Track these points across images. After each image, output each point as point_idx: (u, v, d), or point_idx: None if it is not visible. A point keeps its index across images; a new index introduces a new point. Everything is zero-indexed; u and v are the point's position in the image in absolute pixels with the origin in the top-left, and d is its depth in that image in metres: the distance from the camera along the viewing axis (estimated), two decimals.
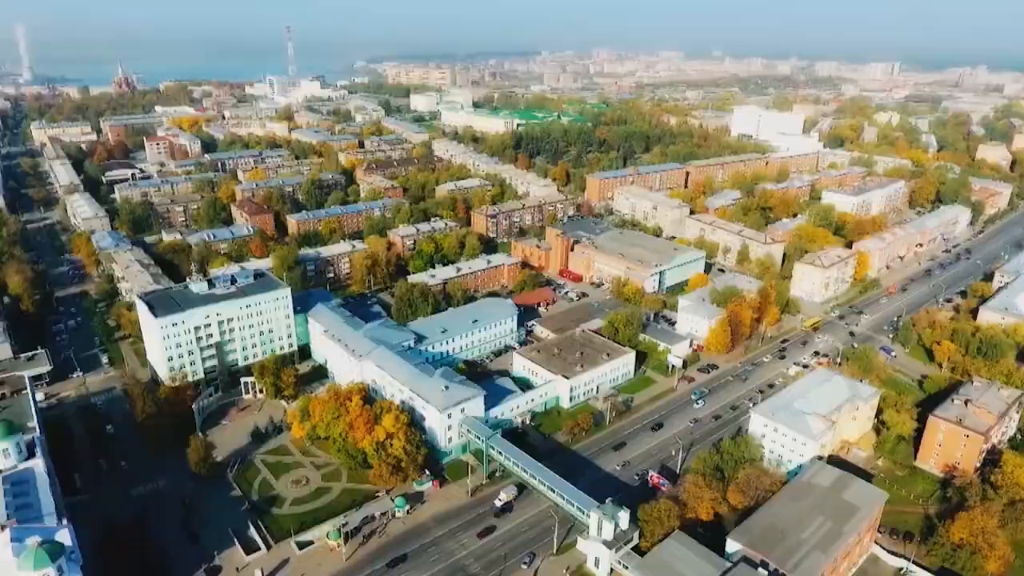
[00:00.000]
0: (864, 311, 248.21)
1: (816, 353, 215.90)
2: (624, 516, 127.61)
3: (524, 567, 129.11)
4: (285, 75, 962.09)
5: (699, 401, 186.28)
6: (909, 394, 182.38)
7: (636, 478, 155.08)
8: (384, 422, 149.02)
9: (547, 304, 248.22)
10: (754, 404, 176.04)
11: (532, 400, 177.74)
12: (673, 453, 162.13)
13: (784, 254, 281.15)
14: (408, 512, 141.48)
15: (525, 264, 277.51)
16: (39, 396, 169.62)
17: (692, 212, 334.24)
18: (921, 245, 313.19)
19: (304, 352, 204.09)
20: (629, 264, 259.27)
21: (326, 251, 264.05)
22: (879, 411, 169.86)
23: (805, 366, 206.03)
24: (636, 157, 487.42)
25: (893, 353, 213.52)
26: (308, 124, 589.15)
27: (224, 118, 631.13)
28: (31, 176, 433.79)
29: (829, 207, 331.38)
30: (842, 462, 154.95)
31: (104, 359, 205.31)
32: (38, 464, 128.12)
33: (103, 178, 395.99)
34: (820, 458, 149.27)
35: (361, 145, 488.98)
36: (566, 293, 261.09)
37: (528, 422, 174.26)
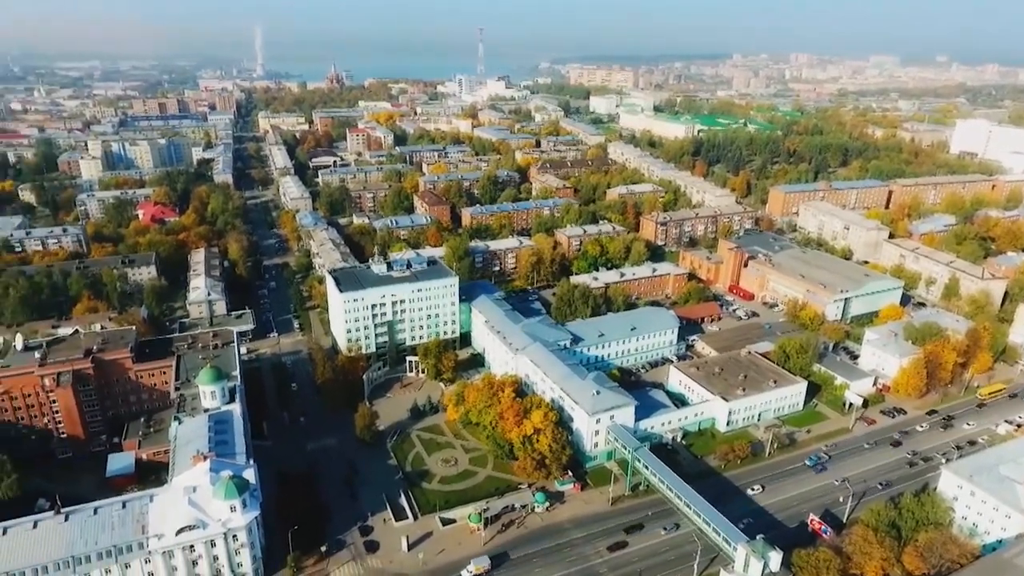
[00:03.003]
0: None
1: None
2: (776, 557, 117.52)
3: None
4: (474, 74, 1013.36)
5: (817, 467, 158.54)
6: None
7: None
8: (533, 417, 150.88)
9: (712, 320, 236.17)
10: (948, 460, 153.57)
11: (686, 417, 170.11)
12: (841, 500, 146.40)
13: (1006, 293, 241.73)
14: (547, 509, 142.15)
15: (692, 276, 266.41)
16: (242, 350, 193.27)
17: (891, 236, 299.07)
18: None
19: (465, 339, 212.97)
20: (810, 286, 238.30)
21: (495, 245, 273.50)
22: None
23: (1019, 426, 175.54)
24: (830, 171, 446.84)
25: None
26: (490, 122, 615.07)
27: (415, 114, 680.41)
28: (254, 159, 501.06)
29: None
30: None
31: (296, 324, 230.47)
32: (236, 408, 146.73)
33: (310, 163, 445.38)
34: None
35: (537, 144, 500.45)
36: (734, 311, 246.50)
37: (679, 440, 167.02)
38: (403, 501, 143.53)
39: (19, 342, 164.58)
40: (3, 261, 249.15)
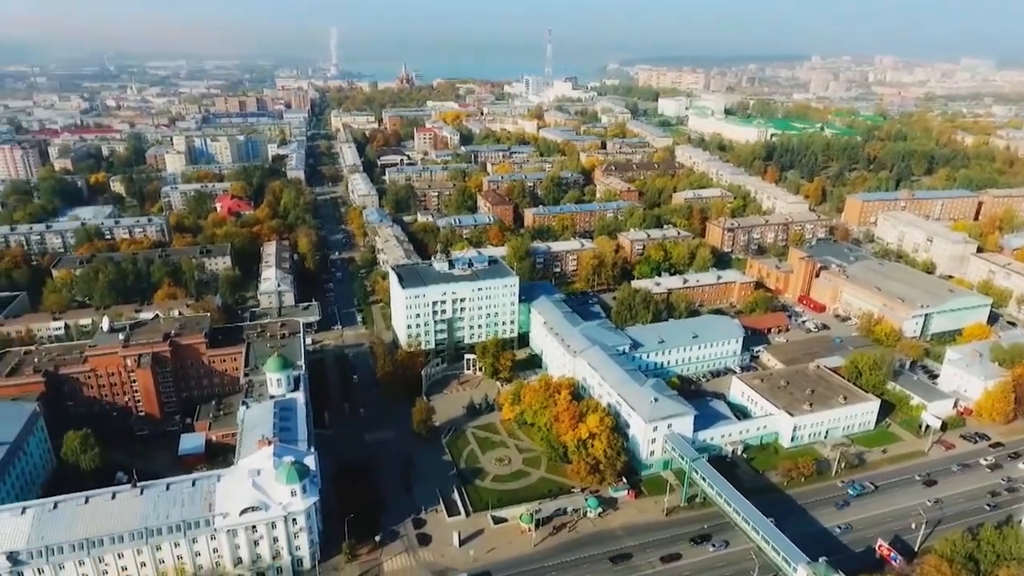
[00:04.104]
0: None
1: None
2: None
3: None
4: (541, 75, 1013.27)
5: (839, 504, 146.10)
6: None
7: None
8: (588, 421, 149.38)
9: (779, 331, 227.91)
10: None
11: (747, 430, 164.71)
12: (913, 526, 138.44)
13: None
14: (600, 515, 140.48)
15: (759, 284, 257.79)
16: (307, 340, 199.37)
17: (980, 250, 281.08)
18: None
19: (523, 340, 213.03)
20: (887, 300, 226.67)
21: (556, 246, 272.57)
22: None
23: None
24: (913, 179, 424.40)
25: None
26: (556, 123, 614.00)
27: (482, 114, 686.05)
28: (325, 156, 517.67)
29: None
30: None
31: (359, 318, 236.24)
32: (300, 397, 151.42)
33: (378, 161, 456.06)
34: None
35: (603, 146, 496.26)
36: (803, 322, 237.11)
37: (739, 453, 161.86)
38: (456, 497, 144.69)
39: (105, 324, 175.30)
40: (94, 247, 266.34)
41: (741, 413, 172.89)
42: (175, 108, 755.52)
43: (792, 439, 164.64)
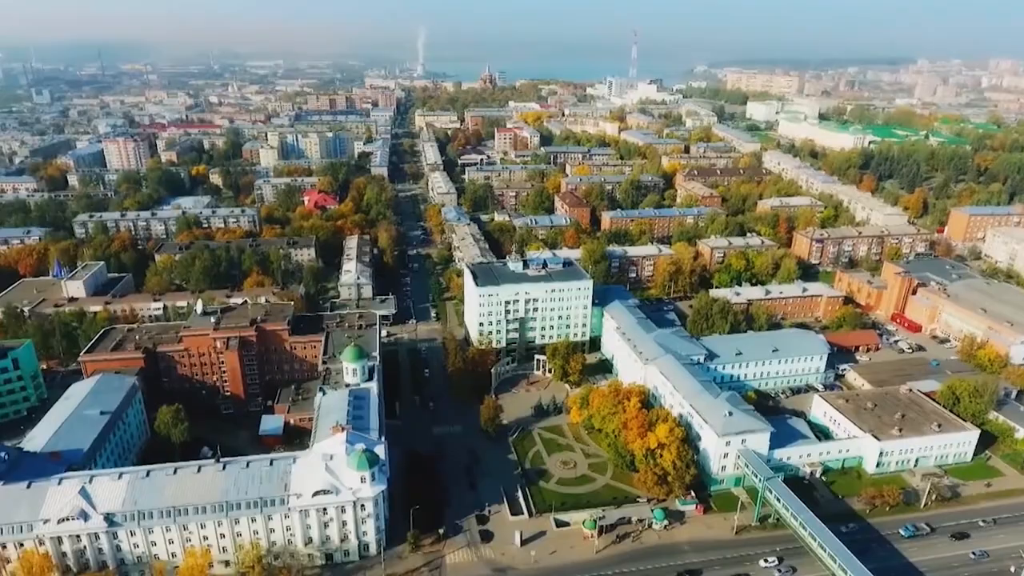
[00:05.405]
0: None
1: None
2: None
3: None
4: (626, 77, 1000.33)
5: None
6: None
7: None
8: (658, 431, 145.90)
9: (868, 350, 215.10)
10: None
11: (828, 452, 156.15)
12: (1012, 570, 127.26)
13: None
14: (665, 527, 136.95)
15: (848, 300, 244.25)
16: (383, 333, 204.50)
17: None
18: None
19: (594, 343, 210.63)
20: (992, 323, 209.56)
21: (632, 251, 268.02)
22: None
23: None
24: None
25: None
26: (638, 126, 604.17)
27: (563, 115, 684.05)
28: (408, 154, 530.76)
29: None
30: None
31: (433, 313, 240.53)
32: (373, 387, 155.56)
33: (458, 160, 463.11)
34: None
35: (686, 150, 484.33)
36: (895, 342, 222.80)
37: (818, 475, 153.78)
38: (520, 496, 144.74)
39: (199, 307, 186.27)
40: (192, 235, 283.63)
41: (822, 434, 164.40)
42: (271, 105, 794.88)
43: (877, 465, 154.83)
